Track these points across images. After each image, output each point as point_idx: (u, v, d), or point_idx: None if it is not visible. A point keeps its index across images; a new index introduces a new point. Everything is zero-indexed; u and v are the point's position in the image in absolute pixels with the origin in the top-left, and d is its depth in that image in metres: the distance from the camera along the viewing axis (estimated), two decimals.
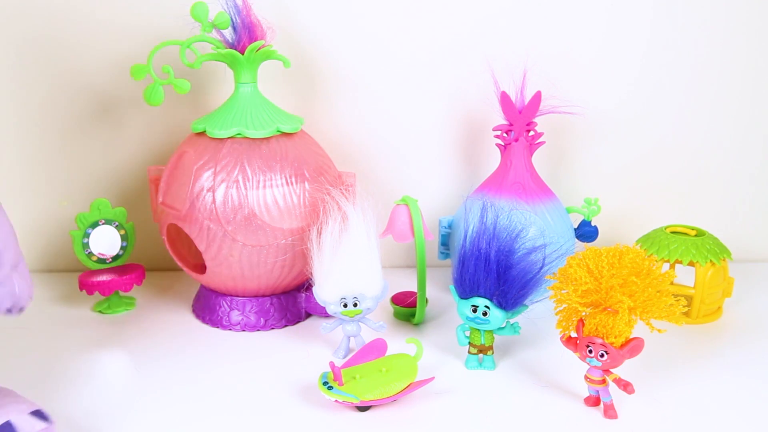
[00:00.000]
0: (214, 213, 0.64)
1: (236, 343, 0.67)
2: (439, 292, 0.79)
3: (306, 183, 0.67)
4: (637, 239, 0.75)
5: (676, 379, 0.60)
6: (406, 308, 0.72)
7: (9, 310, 0.51)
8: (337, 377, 0.54)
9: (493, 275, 0.58)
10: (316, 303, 0.64)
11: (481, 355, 0.62)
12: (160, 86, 0.68)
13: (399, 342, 0.63)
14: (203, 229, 0.65)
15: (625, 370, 0.54)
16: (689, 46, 0.82)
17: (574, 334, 0.54)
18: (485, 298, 0.59)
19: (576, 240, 0.76)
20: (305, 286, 0.72)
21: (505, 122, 0.75)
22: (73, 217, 0.75)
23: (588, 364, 0.53)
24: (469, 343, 0.62)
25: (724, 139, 0.87)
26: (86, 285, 0.72)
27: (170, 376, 0.60)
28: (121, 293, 0.74)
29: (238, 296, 0.71)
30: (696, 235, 0.73)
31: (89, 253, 0.73)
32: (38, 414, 0.44)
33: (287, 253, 0.66)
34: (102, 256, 0.74)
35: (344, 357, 0.64)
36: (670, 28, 0.82)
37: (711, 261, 0.70)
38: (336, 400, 0.54)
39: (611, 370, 0.53)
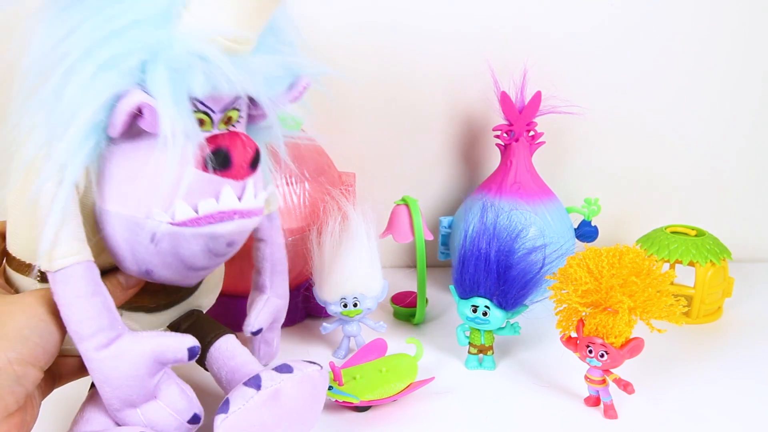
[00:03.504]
0: None
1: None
2: (439, 292, 0.79)
3: (306, 183, 0.67)
4: (637, 239, 0.75)
5: (676, 379, 0.60)
6: (406, 308, 0.72)
7: (265, 365, 0.55)
8: (337, 377, 0.54)
9: (493, 275, 0.58)
10: (317, 303, 0.64)
11: (481, 355, 0.62)
12: None
13: (399, 342, 0.63)
14: None
15: (625, 370, 0.54)
16: (690, 47, 0.82)
17: (574, 334, 0.54)
18: (485, 298, 0.59)
19: (576, 240, 0.76)
20: (305, 286, 0.71)
21: (505, 122, 0.75)
22: None
23: (588, 364, 0.53)
24: (469, 343, 0.62)
25: (725, 139, 0.87)
26: None
27: None
28: None
29: (238, 296, 0.70)
30: (696, 235, 0.73)
31: None
32: (311, 362, 0.48)
33: (287, 253, 0.66)
34: None
35: (344, 357, 0.64)
36: (671, 28, 0.82)
37: (711, 261, 0.70)
38: (336, 400, 0.54)
39: (611, 370, 0.53)
